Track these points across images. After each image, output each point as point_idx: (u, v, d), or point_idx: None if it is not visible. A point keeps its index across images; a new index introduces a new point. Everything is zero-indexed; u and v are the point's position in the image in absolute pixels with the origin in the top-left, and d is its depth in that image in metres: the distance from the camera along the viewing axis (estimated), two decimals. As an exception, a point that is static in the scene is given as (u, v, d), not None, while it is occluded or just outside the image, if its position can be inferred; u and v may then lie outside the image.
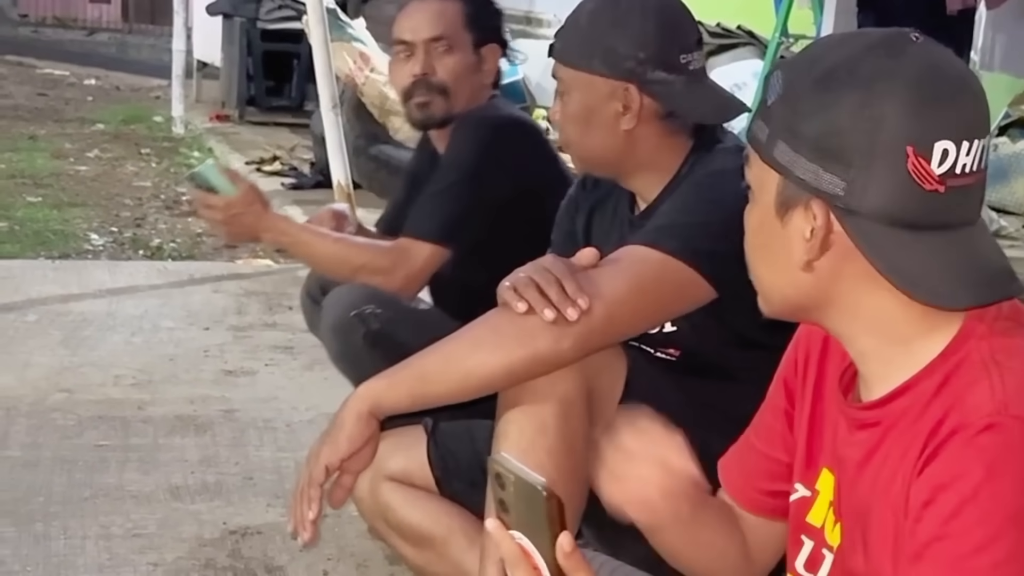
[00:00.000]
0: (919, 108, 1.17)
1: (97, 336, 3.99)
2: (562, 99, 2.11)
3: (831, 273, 1.24)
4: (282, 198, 6.37)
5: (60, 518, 2.67)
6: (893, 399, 1.24)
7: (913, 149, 1.17)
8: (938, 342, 1.22)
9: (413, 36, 2.64)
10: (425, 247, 2.51)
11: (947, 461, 1.15)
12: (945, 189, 1.18)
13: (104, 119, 9.25)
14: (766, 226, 1.28)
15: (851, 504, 1.30)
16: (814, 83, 1.21)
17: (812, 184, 1.21)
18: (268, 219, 2.59)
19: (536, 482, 1.25)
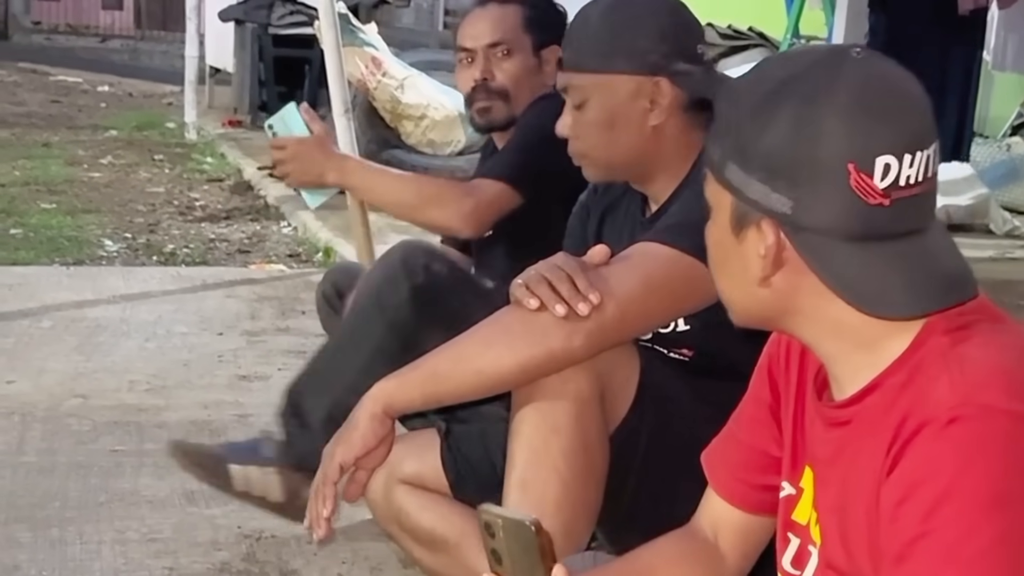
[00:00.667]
0: (857, 125, 1.20)
1: (111, 342, 4.01)
2: (577, 109, 2.10)
3: (788, 287, 1.27)
4: (294, 203, 6.37)
5: (76, 523, 2.68)
6: (861, 398, 1.27)
7: (855, 166, 1.20)
8: (901, 341, 1.25)
9: (474, 43, 2.70)
10: (497, 184, 2.56)
11: (916, 458, 1.17)
12: (890, 202, 1.21)
13: (117, 125, 9.29)
14: (724, 243, 1.32)
15: (826, 502, 1.32)
16: (757, 104, 1.25)
17: (762, 204, 1.24)
18: (334, 159, 2.65)
19: (524, 519, 1.27)
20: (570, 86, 2.10)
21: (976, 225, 6.25)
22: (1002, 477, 1.14)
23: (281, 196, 6.60)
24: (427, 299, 2.44)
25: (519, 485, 1.88)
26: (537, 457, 1.88)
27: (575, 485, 1.89)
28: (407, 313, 2.42)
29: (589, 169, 2.16)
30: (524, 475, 1.88)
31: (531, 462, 1.88)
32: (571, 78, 2.10)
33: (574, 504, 1.90)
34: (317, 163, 2.62)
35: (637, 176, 2.15)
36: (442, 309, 2.45)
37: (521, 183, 2.57)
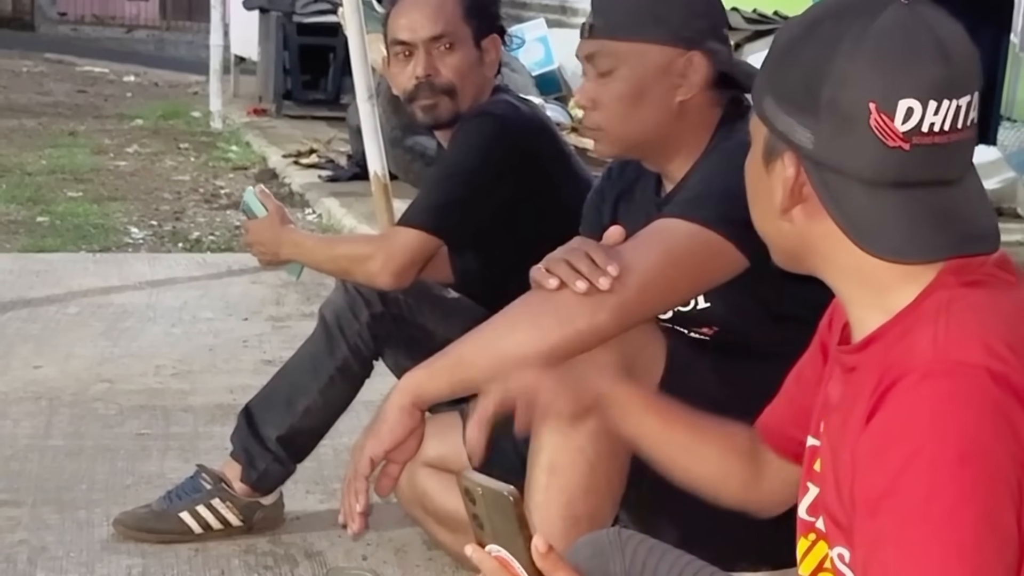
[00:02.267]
0: (883, 67, 1.21)
1: (138, 327, 4.03)
2: (603, 78, 2.04)
3: (807, 223, 1.29)
4: (319, 190, 6.41)
5: (103, 505, 2.70)
6: (867, 345, 1.29)
7: (876, 106, 1.21)
8: (911, 292, 1.25)
9: (412, 36, 2.54)
10: (408, 232, 2.46)
11: (889, 411, 1.18)
12: (910, 147, 1.21)
13: (143, 115, 9.33)
14: (756, 175, 1.34)
15: (827, 448, 1.34)
16: (794, 40, 1.27)
17: (788, 136, 1.26)
18: (282, 235, 2.61)
19: (503, 488, 1.27)
20: (598, 53, 2.04)
21: (1004, 209, 6.19)
22: (971, 434, 1.14)
23: (306, 183, 6.63)
24: (387, 322, 2.48)
25: (547, 469, 1.88)
26: (564, 440, 1.88)
27: (601, 468, 1.89)
28: (368, 337, 2.46)
29: (601, 144, 2.10)
30: (552, 459, 1.88)
31: (558, 446, 1.88)
32: (602, 45, 2.04)
33: (600, 487, 1.90)
34: (272, 242, 2.61)
35: (651, 154, 2.11)
36: (403, 330, 2.48)
37: (438, 228, 2.46)
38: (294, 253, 2.62)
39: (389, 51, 2.63)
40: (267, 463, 2.55)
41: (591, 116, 2.09)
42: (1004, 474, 1.13)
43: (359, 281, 2.49)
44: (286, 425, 2.53)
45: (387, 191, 4.49)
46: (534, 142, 2.55)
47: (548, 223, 2.44)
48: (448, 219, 2.48)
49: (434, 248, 2.49)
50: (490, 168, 2.48)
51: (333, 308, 2.53)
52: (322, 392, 2.52)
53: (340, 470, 2.92)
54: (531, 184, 2.51)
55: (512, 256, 2.50)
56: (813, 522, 1.40)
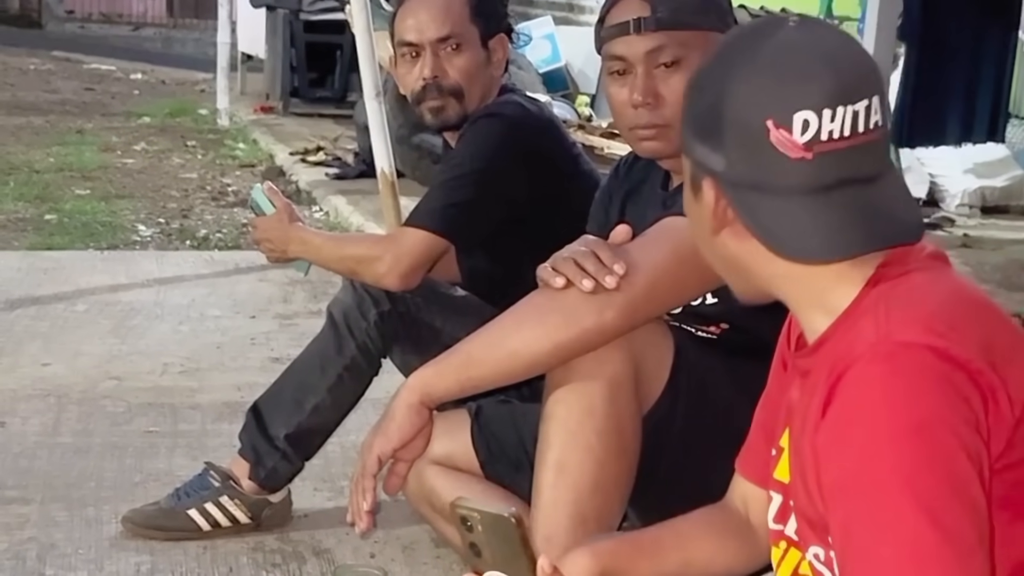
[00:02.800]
0: (775, 83, 1.27)
1: (145, 325, 4.04)
2: (667, 71, 2.02)
3: (737, 243, 1.35)
4: (326, 188, 6.41)
5: (111, 503, 2.71)
6: (818, 348, 1.33)
7: (773, 122, 1.27)
8: (850, 291, 1.31)
9: (419, 37, 2.53)
10: (416, 233, 2.46)
11: (841, 399, 1.23)
12: (813, 155, 1.26)
13: (150, 112, 9.34)
14: (689, 206, 1.41)
15: (793, 450, 1.38)
16: (700, 71, 1.36)
17: (704, 164, 1.33)
18: (290, 232, 2.62)
19: (503, 511, 1.26)
20: (665, 46, 2.02)
21: (1012, 207, 6.20)
22: (921, 405, 1.18)
23: (313, 181, 6.63)
24: (394, 321, 2.48)
25: (555, 467, 1.88)
26: (573, 439, 1.88)
27: (610, 466, 1.89)
28: (375, 336, 2.46)
29: (661, 141, 2.05)
30: (560, 457, 1.88)
31: (567, 444, 1.88)
32: (669, 36, 2.02)
33: (608, 486, 1.90)
34: (280, 240, 2.62)
35: None
36: (411, 328, 2.48)
37: (446, 230, 2.46)
38: (302, 251, 2.63)
39: (396, 51, 2.63)
40: (275, 461, 2.55)
41: (655, 113, 2.04)
42: (962, 441, 1.18)
43: (366, 282, 2.49)
44: (294, 423, 2.53)
45: (394, 189, 4.48)
46: (542, 141, 2.55)
47: (556, 222, 2.44)
48: (456, 220, 2.48)
49: (442, 249, 2.50)
50: (498, 168, 2.48)
51: (341, 307, 2.53)
52: (330, 390, 2.52)
53: (348, 468, 2.93)
54: (539, 183, 2.51)
55: (520, 255, 2.50)
56: (781, 529, 1.43)
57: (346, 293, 2.54)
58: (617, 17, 2.07)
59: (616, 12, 2.08)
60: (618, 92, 2.09)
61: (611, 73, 2.10)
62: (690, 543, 1.59)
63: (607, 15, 2.10)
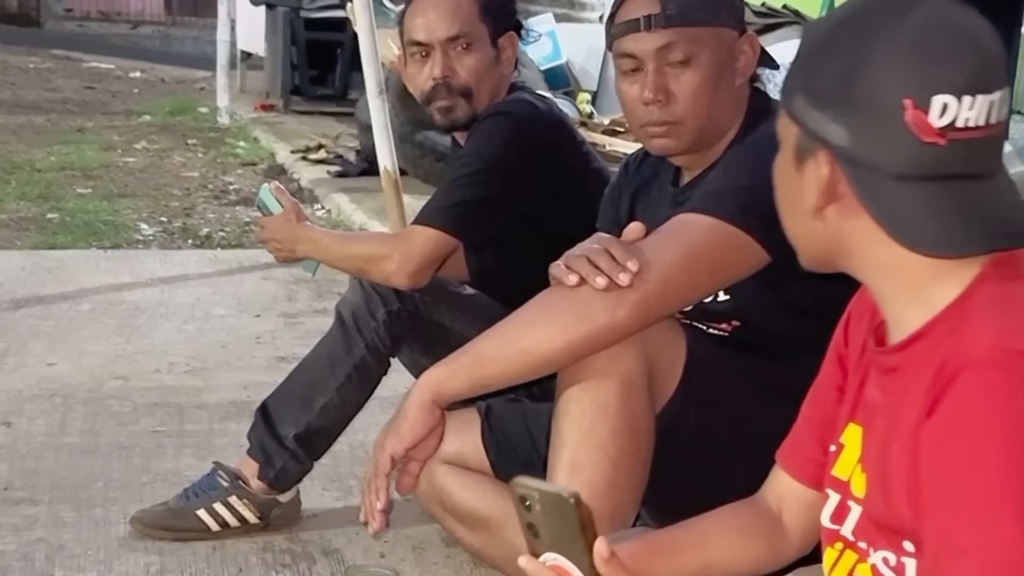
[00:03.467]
0: (918, 62, 1.21)
1: (150, 324, 4.03)
2: (678, 68, 2.02)
3: (841, 222, 1.29)
4: (328, 186, 6.40)
5: (119, 503, 2.70)
6: (911, 344, 1.28)
7: (912, 102, 1.21)
8: (953, 288, 1.26)
9: (429, 36, 2.52)
10: (425, 231, 2.45)
11: (954, 403, 1.18)
12: (946, 142, 1.21)
13: (151, 111, 9.32)
14: (787, 176, 1.34)
15: (872, 449, 1.33)
16: (825, 37, 1.28)
17: (820, 134, 1.26)
18: (298, 232, 2.61)
19: (562, 491, 1.24)
20: (675, 43, 2.01)
21: (1014, 203, 6.18)
22: None
23: (315, 179, 6.62)
24: (403, 319, 2.47)
25: (569, 466, 1.87)
26: (586, 437, 1.87)
27: (623, 465, 1.88)
28: (384, 335, 2.45)
29: (673, 138, 2.06)
30: (574, 456, 1.87)
31: (580, 443, 1.87)
32: (679, 33, 2.01)
33: (622, 484, 1.89)
34: (287, 239, 2.62)
35: (707, 144, 2.08)
36: (420, 327, 2.48)
37: (455, 228, 2.45)
38: (310, 250, 2.62)
39: (405, 51, 2.62)
40: (284, 461, 2.54)
41: (666, 111, 2.03)
42: None
43: (375, 280, 2.48)
44: (303, 423, 2.53)
45: (397, 187, 4.48)
46: (552, 139, 2.54)
47: (566, 220, 2.44)
48: (466, 219, 2.47)
49: (451, 248, 2.49)
50: (508, 166, 2.47)
51: (350, 306, 2.52)
52: (339, 390, 2.51)
53: (356, 467, 2.93)
54: (549, 181, 2.51)
55: (530, 253, 2.49)
56: (837, 530, 1.39)
57: (354, 292, 2.53)
58: (627, 14, 2.06)
59: (626, 9, 2.07)
60: (629, 89, 2.08)
61: (622, 70, 2.09)
62: (711, 543, 1.56)
63: (617, 12, 2.10)
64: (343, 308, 2.54)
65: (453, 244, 2.48)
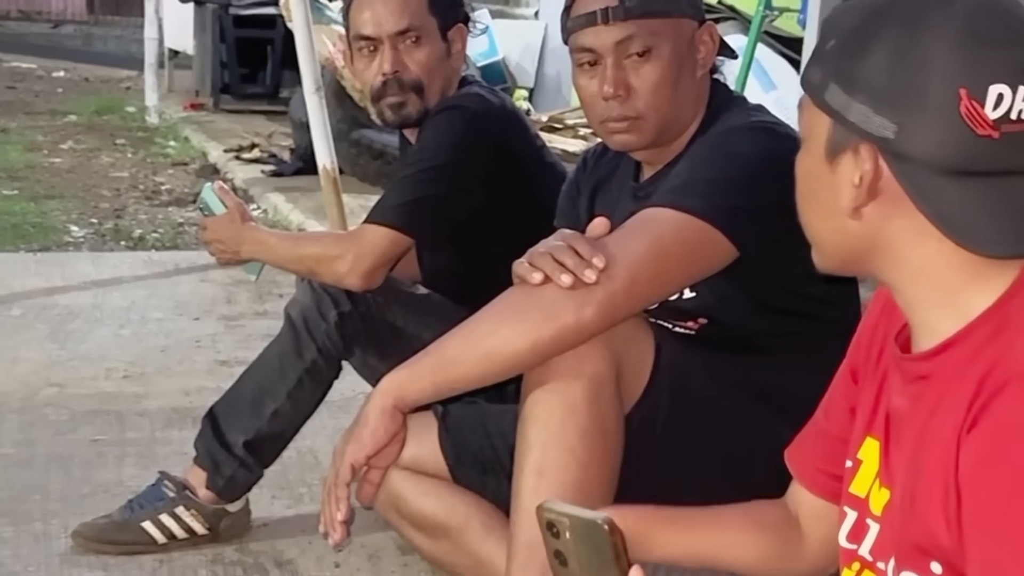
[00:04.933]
0: (972, 50, 1.14)
1: (85, 329, 3.91)
2: (637, 61, 1.96)
3: (879, 220, 1.21)
4: (263, 186, 6.30)
5: (60, 516, 2.60)
6: (943, 350, 1.21)
7: (966, 92, 1.13)
8: (989, 293, 1.19)
9: (377, 30, 2.44)
10: (378, 230, 2.38)
11: (1000, 415, 1.11)
12: (1000, 135, 1.14)
13: (76, 111, 9.14)
14: (815, 172, 1.25)
15: (899, 463, 1.26)
16: (867, 24, 1.19)
17: (862, 127, 1.18)
18: (243, 232, 2.53)
19: (596, 518, 1.18)
20: (635, 35, 1.95)
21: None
22: None
23: (249, 179, 6.51)
24: (355, 321, 2.41)
25: (537, 470, 1.81)
26: (554, 441, 1.80)
27: (593, 468, 1.82)
28: (336, 337, 2.39)
29: (634, 133, 2.00)
30: (542, 460, 1.80)
31: (548, 446, 1.80)
32: (639, 26, 1.95)
33: (592, 488, 1.82)
34: (232, 240, 2.53)
35: (668, 138, 2.03)
36: (372, 329, 2.41)
37: (409, 226, 2.38)
38: (256, 251, 2.54)
39: (351, 46, 2.54)
40: (233, 469, 2.46)
41: (627, 105, 1.97)
42: None
43: (326, 282, 2.41)
44: (253, 429, 2.45)
45: (336, 185, 4.40)
46: (506, 134, 2.48)
47: (521, 216, 2.38)
48: (419, 216, 2.40)
49: (405, 247, 2.42)
50: (462, 163, 2.41)
51: (299, 308, 2.44)
52: (290, 395, 2.44)
53: (305, 474, 2.85)
54: (504, 177, 2.44)
55: (484, 250, 2.43)
56: (855, 549, 1.33)
57: (304, 294, 2.45)
58: (584, 7, 2.00)
59: (583, 2, 2.01)
60: (587, 84, 2.02)
61: (580, 65, 2.03)
62: (727, 529, 1.49)
63: (573, 5, 2.04)
64: (292, 310, 2.46)
65: (407, 243, 2.41)
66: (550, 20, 8.41)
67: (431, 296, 2.53)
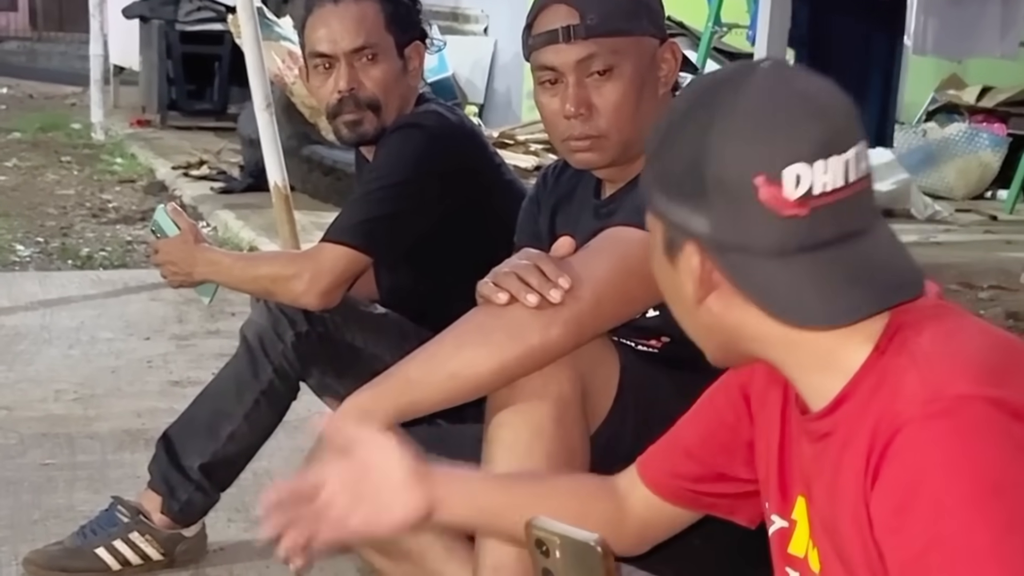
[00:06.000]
0: (760, 137, 1.17)
1: (33, 350, 3.85)
2: (599, 79, 1.95)
3: (724, 310, 1.25)
4: (213, 203, 6.25)
5: (9, 543, 2.55)
6: (837, 407, 1.23)
7: (762, 179, 1.16)
8: (864, 347, 1.21)
9: (333, 48, 2.43)
10: (336, 249, 2.35)
11: (901, 461, 1.12)
12: (808, 211, 1.17)
13: (20, 127, 9.02)
14: (663, 273, 1.30)
15: (818, 520, 1.28)
16: (670, 128, 1.24)
17: (683, 226, 1.22)
18: (197, 254, 2.49)
19: (588, 539, 1.17)
20: (596, 54, 1.94)
21: (898, 211, 6.29)
22: (995, 465, 1.09)
23: (198, 196, 6.46)
24: (312, 341, 2.38)
25: None
26: (520, 462, 1.78)
27: None
28: (293, 358, 2.36)
29: (597, 152, 1.99)
30: None
31: (514, 468, 1.78)
32: (600, 44, 1.93)
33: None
34: (185, 262, 2.50)
35: (630, 155, 2.01)
36: (329, 349, 2.39)
37: (367, 245, 2.36)
38: (210, 272, 2.50)
39: (307, 63, 2.51)
40: (189, 493, 2.42)
41: (588, 124, 1.96)
42: None
43: (283, 301, 2.37)
44: (209, 452, 2.41)
45: (288, 202, 4.35)
46: (464, 151, 2.46)
47: (481, 234, 2.36)
48: (377, 235, 2.38)
49: (363, 266, 2.39)
50: (419, 180, 2.38)
51: (255, 328, 2.41)
52: (247, 417, 2.40)
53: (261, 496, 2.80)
54: (463, 195, 2.43)
55: (443, 269, 2.41)
56: None
57: (260, 314, 2.42)
58: (545, 25, 1.99)
59: (543, 19, 2.00)
60: (549, 102, 2.01)
61: (541, 83, 2.02)
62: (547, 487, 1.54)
63: (534, 23, 2.02)
64: (248, 331, 2.43)
65: (365, 262, 2.39)
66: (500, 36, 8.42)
67: (389, 315, 2.50)
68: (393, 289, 2.60)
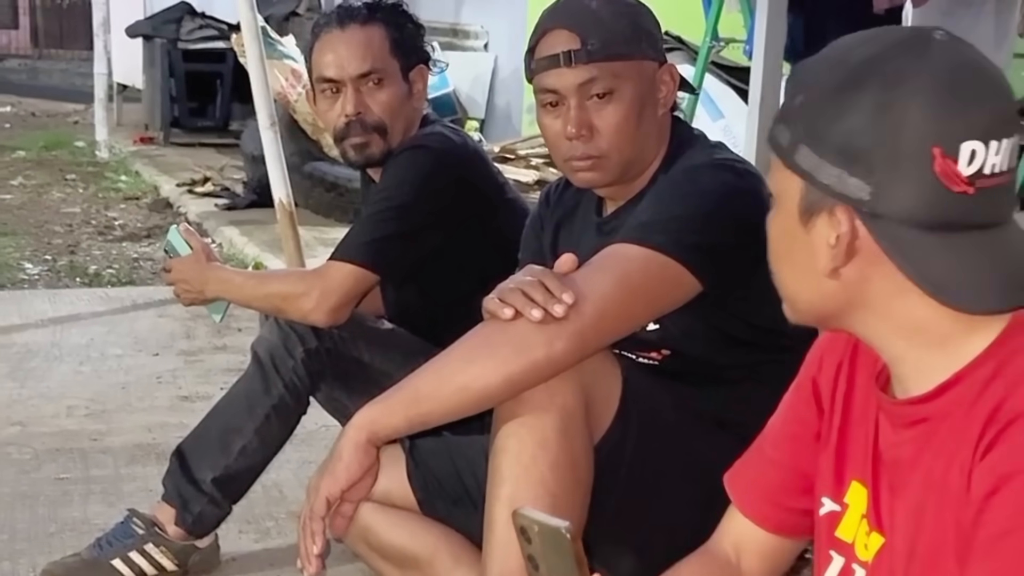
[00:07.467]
0: (944, 108, 1.15)
1: (44, 367, 3.91)
2: (599, 102, 2.01)
3: (859, 279, 1.21)
4: (217, 219, 6.31)
5: (27, 555, 2.60)
6: (942, 393, 1.22)
7: (940, 151, 1.14)
8: (980, 340, 1.20)
9: (339, 73, 2.49)
10: (344, 267, 2.41)
11: (1010, 449, 1.13)
12: (975, 190, 1.15)
13: (24, 146, 9.08)
14: (789, 233, 1.25)
15: (901, 506, 1.26)
16: (836, 84, 1.18)
17: (836, 189, 1.18)
18: (208, 272, 2.56)
19: (560, 525, 1.23)
20: (598, 77, 2.00)
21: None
22: None
23: (203, 212, 6.51)
24: (322, 357, 2.44)
25: (508, 503, 1.84)
26: (526, 473, 1.84)
27: (563, 500, 1.85)
28: (303, 373, 2.42)
29: (597, 172, 2.05)
30: (513, 492, 1.84)
31: (520, 478, 1.84)
32: (600, 68, 1.99)
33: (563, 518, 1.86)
34: (197, 280, 2.56)
35: (631, 176, 2.09)
36: (338, 365, 2.45)
37: (374, 263, 2.42)
38: (222, 291, 2.56)
39: (314, 87, 2.58)
40: (202, 505, 2.48)
41: (590, 145, 2.03)
42: None
43: (293, 319, 2.44)
44: (221, 466, 2.47)
45: (292, 219, 4.42)
46: (468, 172, 2.53)
47: (485, 252, 2.42)
48: (384, 253, 2.44)
49: (371, 284, 2.45)
50: (426, 201, 2.45)
51: (266, 345, 2.47)
52: (258, 431, 2.46)
53: (271, 507, 2.87)
54: (467, 214, 2.49)
55: (448, 286, 2.48)
56: None
57: (271, 331, 2.48)
58: (547, 49, 2.05)
59: (546, 44, 2.06)
60: (551, 124, 2.08)
61: (543, 105, 2.09)
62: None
63: (537, 46, 2.08)
64: (259, 347, 2.49)
65: (372, 280, 2.45)
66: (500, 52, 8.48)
67: (396, 331, 2.56)
68: (399, 305, 2.66)
